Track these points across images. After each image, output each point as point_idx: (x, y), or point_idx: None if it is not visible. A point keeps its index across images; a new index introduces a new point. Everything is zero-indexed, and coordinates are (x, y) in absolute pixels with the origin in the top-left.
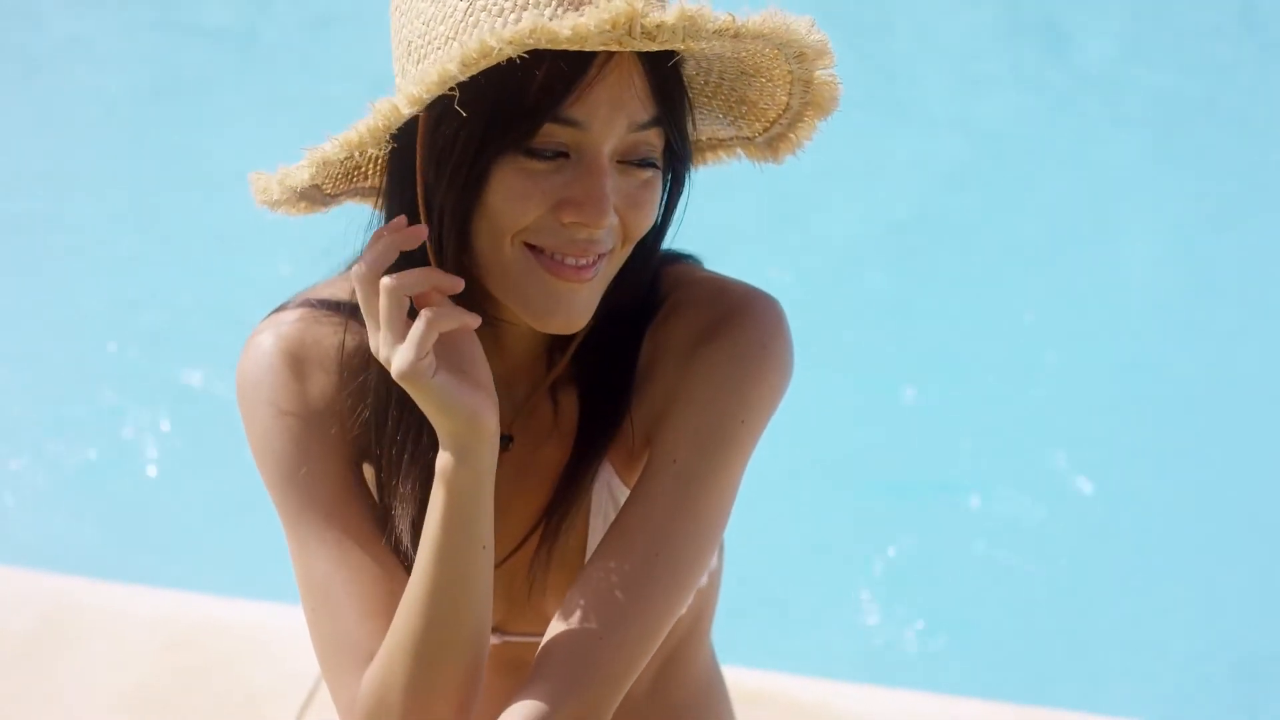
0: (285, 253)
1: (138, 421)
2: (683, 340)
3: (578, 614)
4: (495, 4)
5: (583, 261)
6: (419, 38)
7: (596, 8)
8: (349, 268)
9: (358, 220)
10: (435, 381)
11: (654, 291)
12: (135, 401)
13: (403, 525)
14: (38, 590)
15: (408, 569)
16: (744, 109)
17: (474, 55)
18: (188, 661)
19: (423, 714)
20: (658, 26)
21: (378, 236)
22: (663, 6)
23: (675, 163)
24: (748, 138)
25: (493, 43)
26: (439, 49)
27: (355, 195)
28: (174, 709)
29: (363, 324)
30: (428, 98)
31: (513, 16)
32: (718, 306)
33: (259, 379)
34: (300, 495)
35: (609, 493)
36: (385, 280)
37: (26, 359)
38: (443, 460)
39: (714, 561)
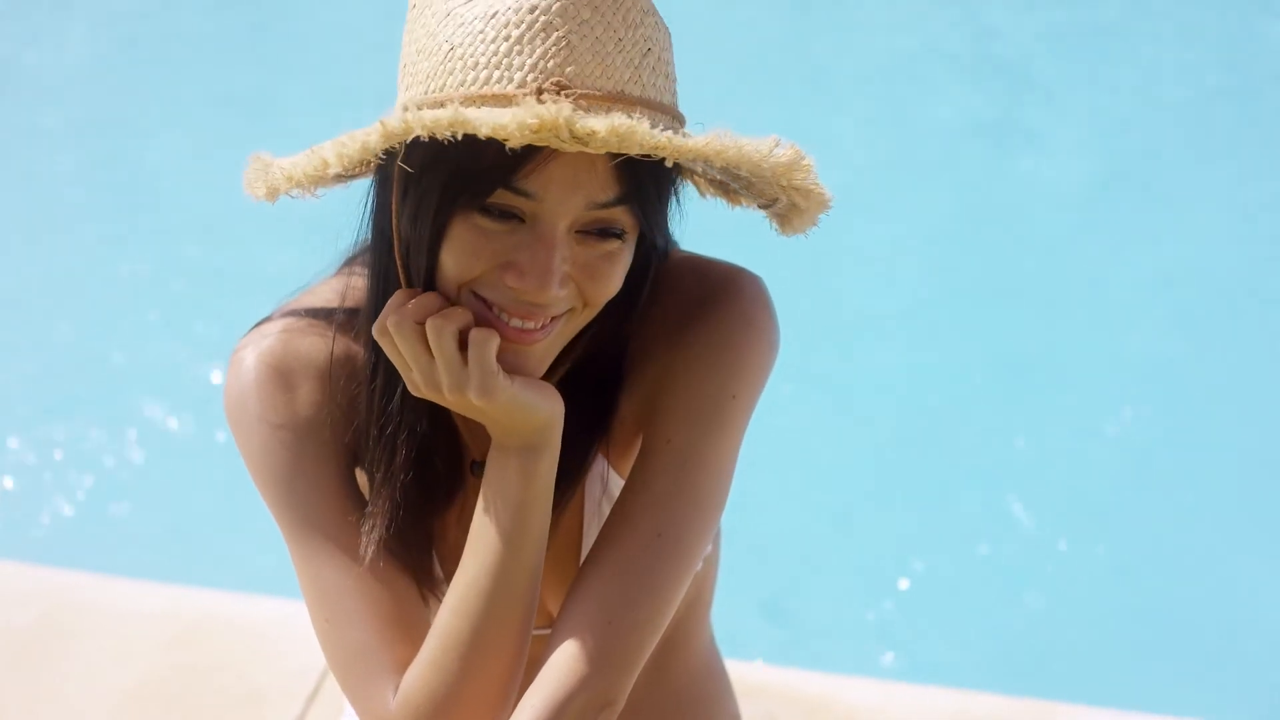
0: (288, 247)
1: (143, 417)
2: (668, 324)
3: (586, 601)
4: (471, 57)
5: (530, 325)
6: (411, 63)
7: (520, 108)
8: (335, 273)
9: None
10: (513, 389)
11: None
12: (141, 397)
13: (369, 539)
14: (41, 586)
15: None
16: (741, 183)
17: (396, 133)
18: (191, 658)
19: (474, 706)
20: (589, 134)
21: (402, 294)
22: (604, 111)
23: (648, 235)
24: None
25: (415, 127)
26: (419, 84)
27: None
28: (177, 705)
29: (346, 332)
30: (348, 164)
31: (484, 74)
32: (701, 288)
33: (245, 396)
34: (302, 508)
35: (601, 482)
36: (433, 320)
37: (32, 352)
38: (522, 459)
39: (709, 546)
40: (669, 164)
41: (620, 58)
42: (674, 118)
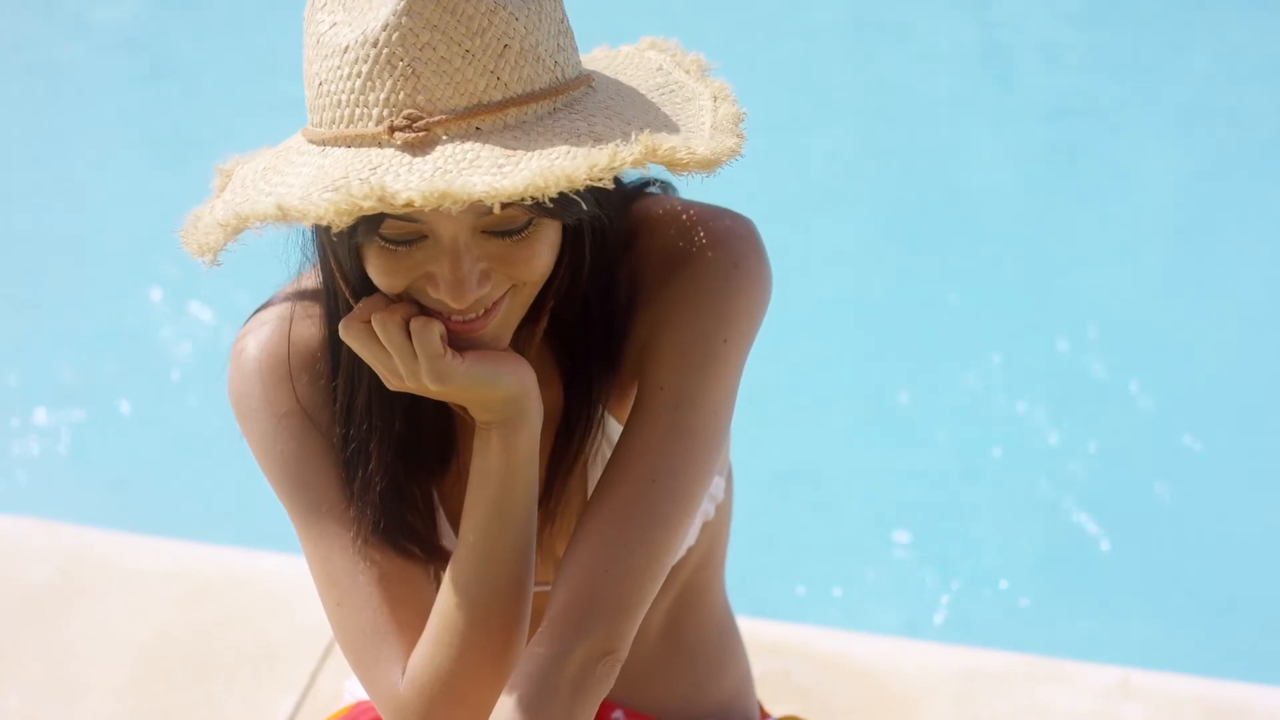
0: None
1: (157, 373)
2: (657, 271)
3: (582, 551)
4: (334, 95)
5: (470, 316)
6: (305, 84)
7: (351, 190)
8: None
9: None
10: (466, 367)
11: (621, 228)
12: (154, 353)
13: (361, 531)
14: (56, 542)
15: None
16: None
17: (232, 226)
18: (206, 614)
19: (479, 680)
20: (408, 204)
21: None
22: (460, 134)
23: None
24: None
25: (250, 219)
26: (310, 111)
27: None
28: (193, 661)
29: (327, 311)
30: (208, 249)
31: (347, 112)
32: (688, 233)
33: (248, 388)
34: (309, 494)
35: (603, 431)
36: (376, 317)
37: (42, 307)
38: (500, 433)
39: (721, 493)
40: (496, 209)
41: (471, 69)
42: (556, 93)
